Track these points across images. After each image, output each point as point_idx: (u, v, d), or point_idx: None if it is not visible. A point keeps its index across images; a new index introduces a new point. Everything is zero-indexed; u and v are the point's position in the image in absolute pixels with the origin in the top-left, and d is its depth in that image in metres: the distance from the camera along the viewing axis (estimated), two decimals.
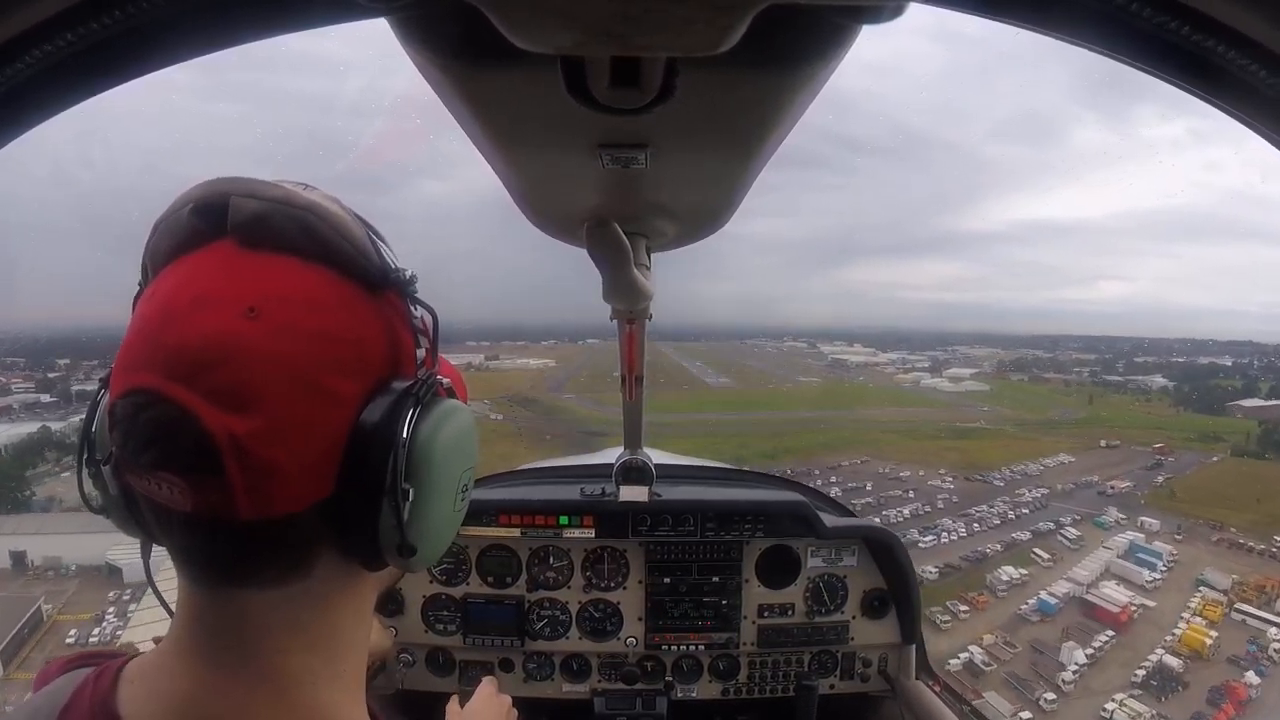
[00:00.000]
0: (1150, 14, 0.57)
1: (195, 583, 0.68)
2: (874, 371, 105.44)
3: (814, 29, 0.62)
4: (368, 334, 0.67)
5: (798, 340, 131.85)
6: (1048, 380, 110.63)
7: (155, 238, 0.68)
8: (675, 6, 0.49)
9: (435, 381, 0.70)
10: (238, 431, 0.59)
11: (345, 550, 0.68)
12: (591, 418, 70.29)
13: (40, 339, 64.02)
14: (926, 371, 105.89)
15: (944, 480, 59.69)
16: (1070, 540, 47.92)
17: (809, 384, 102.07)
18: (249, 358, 0.60)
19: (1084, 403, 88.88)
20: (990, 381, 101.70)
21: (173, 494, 0.61)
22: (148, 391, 0.60)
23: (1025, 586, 42.60)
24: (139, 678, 0.71)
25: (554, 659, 2.65)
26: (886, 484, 59.10)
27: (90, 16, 0.59)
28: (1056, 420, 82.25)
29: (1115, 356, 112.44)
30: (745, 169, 0.93)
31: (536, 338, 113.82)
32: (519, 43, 0.54)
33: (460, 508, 0.75)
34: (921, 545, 47.50)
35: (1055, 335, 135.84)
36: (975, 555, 46.79)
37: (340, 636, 0.73)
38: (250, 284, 0.62)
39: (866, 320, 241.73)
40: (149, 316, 0.63)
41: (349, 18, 0.68)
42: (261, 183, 0.66)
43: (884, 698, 2.72)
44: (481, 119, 0.77)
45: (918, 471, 61.75)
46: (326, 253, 0.65)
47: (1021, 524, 50.61)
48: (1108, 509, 52.90)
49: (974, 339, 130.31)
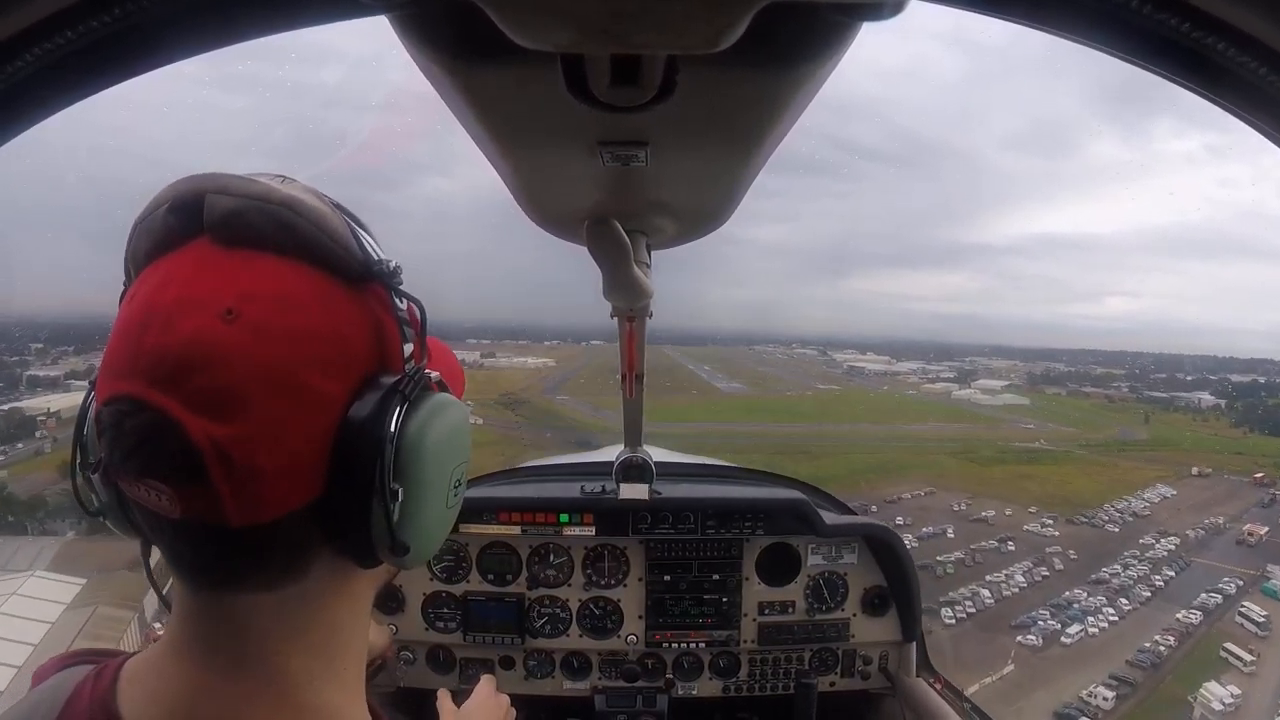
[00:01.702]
0: (1150, 10, 0.57)
1: (189, 586, 0.67)
2: (897, 380, 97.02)
3: (814, 27, 0.61)
4: (351, 330, 0.65)
5: (806, 347, 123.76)
6: (1087, 395, 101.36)
7: (134, 238, 0.67)
8: (674, 4, 0.49)
9: (424, 376, 0.68)
10: (220, 438, 0.58)
11: (339, 550, 0.67)
12: (586, 424, 63.00)
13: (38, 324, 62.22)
14: (953, 382, 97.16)
15: (1042, 523, 47.23)
16: (1258, 623, 35.22)
17: (830, 392, 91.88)
18: (228, 362, 0.58)
19: (1138, 421, 79.78)
20: (1027, 394, 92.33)
21: (161, 501, 0.60)
22: (130, 399, 0.59)
23: (1240, 715, 29.32)
24: (139, 678, 0.70)
25: (554, 657, 2.65)
26: (970, 527, 47.09)
27: (90, 14, 0.59)
28: (1123, 441, 72.28)
29: (1142, 372, 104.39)
30: (745, 167, 0.93)
31: (540, 338, 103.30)
32: (519, 40, 0.53)
33: (453, 503, 0.74)
34: (1065, 640, 34.82)
35: (1073, 349, 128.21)
36: (1148, 658, 33.92)
37: (338, 635, 0.72)
38: (227, 284, 0.61)
39: (872, 329, 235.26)
40: (129, 320, 0.62)
41: (349, 15, 0.68)
42: (237, 178, 0.64)
43: (884, 695, 2.71)
44: (482, 117, 0.76)
45: (1003, 510, 49.83)
46: (305, 248, 0.64)
47: (1174, 595, 38.49)
48: (1269, 568, 40.93)
49: (988, 351, 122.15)
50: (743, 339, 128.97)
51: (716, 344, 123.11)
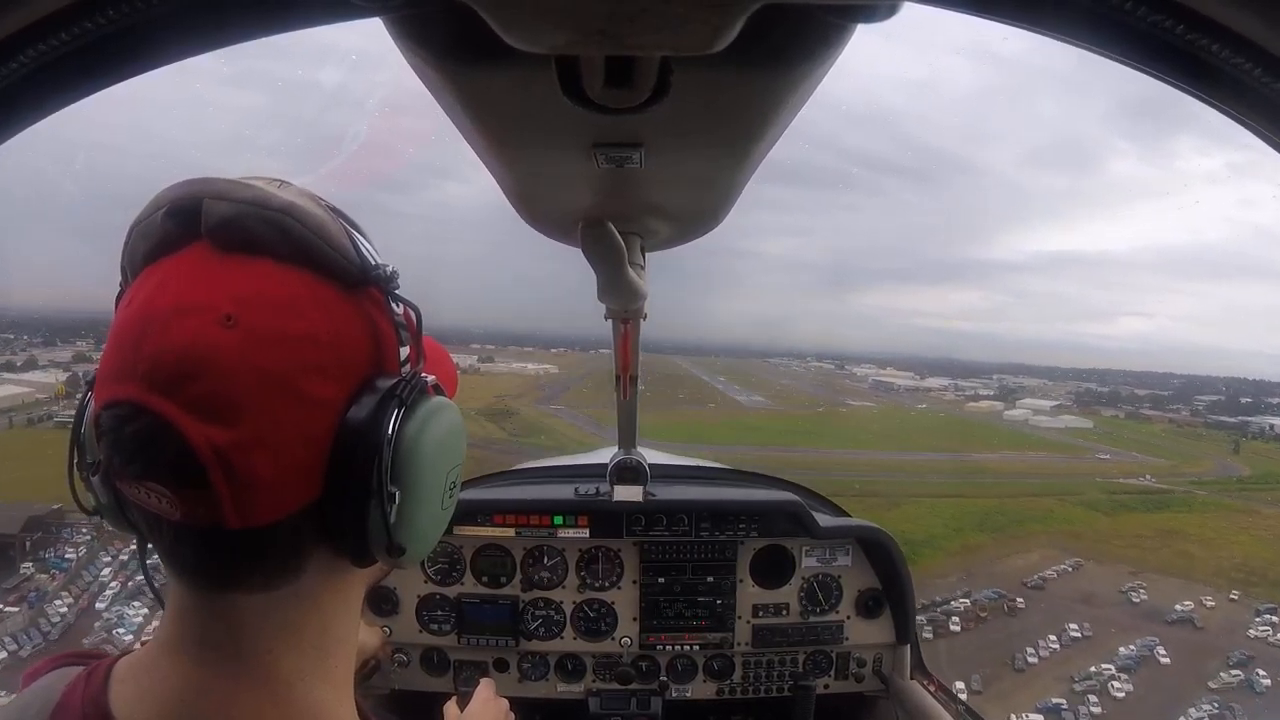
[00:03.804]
0: (1145, 12, 0.57)
1: (185, 586, 0.68)
2: (930, 397, 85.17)
3: (808, 28, 0.61)
4: (348, 335, 0.66)
5: (823, 360, 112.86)
6: (1149, 417, 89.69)
7: (131, 241, 0.67)
8: (668, 6, 0.49)
9: (420, 380, 0.69)
10: (220, 443, 0.58)
11: (334, 551, 0.68)
12: (581, 442, 48.29)
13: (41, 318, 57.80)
14: (995, 400, 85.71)
15: (1265, 619, 31.99)
16: None
17: (864, 409, 78.89)
18: (228, 367, 0.59)
19: (1225, 450, 68.49)
20: (1088, 417, 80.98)
21: (161, 503, 0.61)
22: (130, 404, 0.59)
23: None
24: (130, 677, 0.70)
25: (549, 659, 2.66)
26: (1174, 635, 31.42)
27: (85, 15, 0.59)
28: (1233, 477, 60.48)
29: (1175, 393, 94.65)
30: (739, 168, 0.93)
31: (547, 344, 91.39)
32: (513, 42, 0.53)
33: (448, 505, 0.75)
34: None
35: (1101, 369, 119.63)
36: None
37: (330, 634, 0.73)
38: (226, 290, 0.61)
39: (886, 346, 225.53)
40: (128, 324, 0.62)
41: (343, 18, 0.67)
42: (235, 183, 0.64)
43: (878, 697, 2.73)
44: (476, 119, 0.77)
45: (1201, 599, 34.12)
46: (302, 253, 0.64)
47: None
48: None
49: (1010, 368, 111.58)
50: (753, 352, 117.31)
51: (728, 355, 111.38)
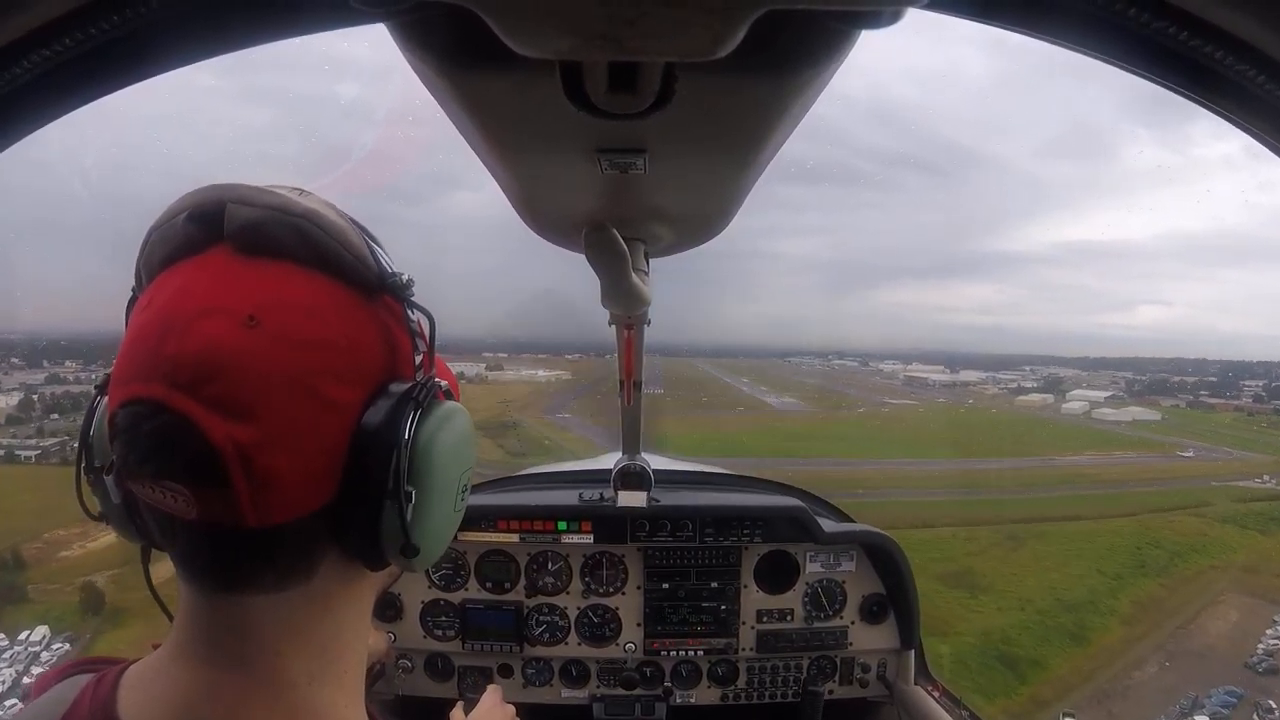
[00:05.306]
0: (1147, 19, 0.57)
1: (197, 588, 0.68)
2: (972, 392, 76.88)
3: (812, 34, 0.61)
4: (365, 340, 0.67)
5: (845, 358, 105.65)
6: (1213, 406, 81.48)
7: (150, 245, 0.67)
8: (672, 11, 0.49)
9: (434, 385, 0.70)
10: (241, 440, 0.59)
11: (348, 552, 0.69)
12: (584, 455, 34.02)
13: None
14: (1043, 393, 77.77)
15: None
16: None
17: (909, 409, 70.15)
18: (250, 367, 0.60)
19: None
20: (1154, 408, 73.00)
21: (178, 503, 0.61)
22: (149, 401, 0.60)
23: None
24: (139, 683, 0.71)
25: (553, 664, 2.66)
26: None
27: (88, 22, 0.59)
28: None
29: (1222, 380, 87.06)
30: (744, 174, 0.93)
31: (561, 350, 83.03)
32: (517, 48, 0.53)
33: (460, 508, 0.76)
34: None
35: (1129, 358, 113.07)
36: None
37: (341, 637, 0.73)
38: (248, 292, 0.62)
39: (907, 342, 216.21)
40: (147, 325, 0.62)
41: (346, 23, 0.67)
42: (256, 189, 0.66)
43: (883, 703, 2.72)
44: (479, 124, 0.77)
45: None
46: (323, 259, 0.65)
47: None
48: None
49: (1040, 360, 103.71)
50: (773, 352, 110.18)
51: (746, 356, 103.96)
